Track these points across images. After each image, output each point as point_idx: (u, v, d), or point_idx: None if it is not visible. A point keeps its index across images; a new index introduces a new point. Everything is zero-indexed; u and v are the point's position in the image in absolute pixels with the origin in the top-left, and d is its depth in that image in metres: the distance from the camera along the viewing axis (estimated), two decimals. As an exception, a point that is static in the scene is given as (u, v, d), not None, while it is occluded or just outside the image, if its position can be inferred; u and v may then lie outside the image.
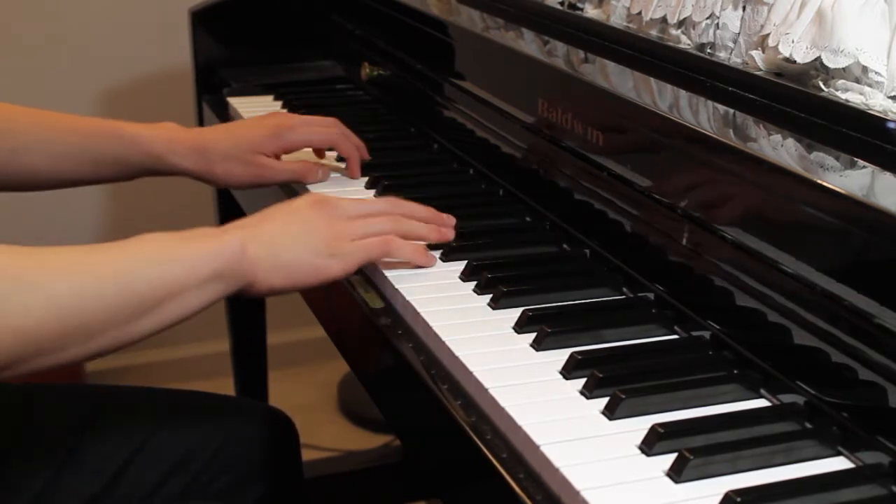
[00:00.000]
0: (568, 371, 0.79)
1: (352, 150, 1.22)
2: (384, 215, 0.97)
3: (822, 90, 0.85)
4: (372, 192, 1.18)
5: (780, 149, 0.82)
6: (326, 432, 2.15)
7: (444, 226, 1.01)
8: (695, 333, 0.86)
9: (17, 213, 2.10)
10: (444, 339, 0.84)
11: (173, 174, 1.17)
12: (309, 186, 1.18)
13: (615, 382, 0.76)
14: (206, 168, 1.16)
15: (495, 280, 0.93)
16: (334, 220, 0.93)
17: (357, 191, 1.18)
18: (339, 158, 1.25)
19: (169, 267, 0.83)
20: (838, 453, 0.70)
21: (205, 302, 0.86)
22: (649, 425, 0.71)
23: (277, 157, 1.19)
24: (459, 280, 0.95)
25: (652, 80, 0.99)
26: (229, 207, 1.66)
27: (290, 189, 1.21)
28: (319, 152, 1.25)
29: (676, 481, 0.66)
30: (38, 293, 0.76)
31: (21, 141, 1.11)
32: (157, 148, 1.14)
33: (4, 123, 1.10)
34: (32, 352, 0.76)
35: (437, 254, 0.99)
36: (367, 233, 0.94)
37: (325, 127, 1.22)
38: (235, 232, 0.89)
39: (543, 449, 0.70)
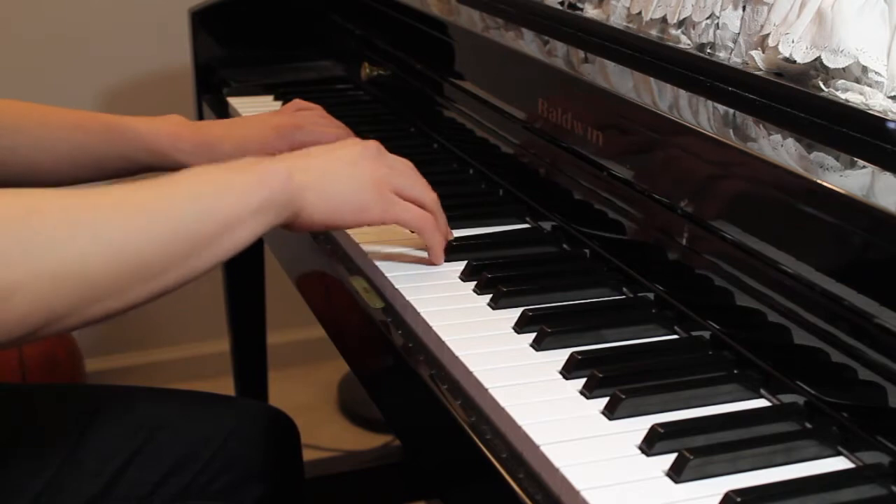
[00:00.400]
0: (568, 371, 0.79)
1: None
2: (428, 187, 0.97)
3: (822, 90, 0.85)
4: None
5: (780, 149, 0.82)
6: (326, 432, 2.15)
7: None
8: (695, 333, 0.86)
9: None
10: (444, 338, 0.84)
11: (178, 170, 1.15)
12: None
13: (615, 382, 0.76)
14: (211, 164, 1.14)
15: (495, 280, 0.93)
16: (381, 165, 0.93)
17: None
18: None
19: (219, 199, 0.82)
20: (838, 453, 0.70)
21: (256, 233, 0.84)
22: (649, 425, 0.71)
23: None
24: (459, 280, 0.95)
25: (652, 80, 0.99)
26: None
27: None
28: None
29: (676, 481, 0.66)
30: (92, 234, 0.74)
31: (22, 137, 1.09)
32: (161, 145, 1.13)
33: (5, 119, 1.10)
34: (91, 297, 0.74)
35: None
36: (408, 191, 0.94)
37: (334, 127, 1.20)
38: (281, 161, 0.88)
39: (543, 449, 0.70)
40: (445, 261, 0.98)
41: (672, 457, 0.68)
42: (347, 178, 0.91)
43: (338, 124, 1.22)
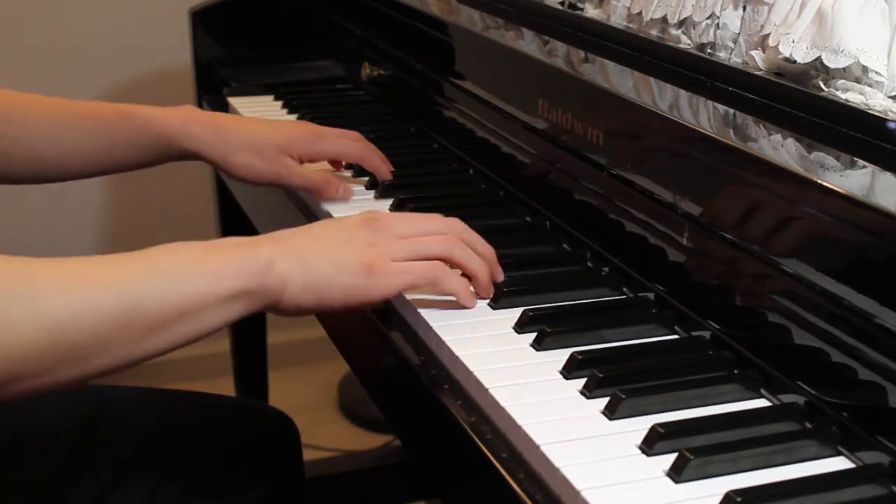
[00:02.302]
0: (568, 371, 0.79)
1: (378, 163, 1.17)
2: (440, 236, 0.88)
3: (823, 90, 0.85)
4: (372, 192, 1.18)
5: (781, 149, 0.82)
6: (326, 432, 2.15)
7: (495, 272, 0.92)
8: (695, 333, 0.86)
9: (16, 214, 2.10)
10: (444, 338, 0.84)
11: (189, 157, 1.12)
12: (323, 204, 1.14)
13: (615, 382, 0.76)
14: (223, 154, 1.11)
15: (495, 280, 0.93)
16: (379, 238, 0.85)
17: (358, 192, 1.18)
18: (358, 173, 1.22)
19: (186, 283, 0.75)
20: (838, 453, 0.70)
21: (225, 321, 0.78)
22: (649, 425, 0.71)
23: (302, 161, 1.15)
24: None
25: (652, 80, 0.99)
26: (229, 205, 1.66)
27: (300, 201, 1.19)
28: (336, 164, 1.21)
29: (677, 481, 0.66)
30: (25, 307, 0.69)
31: (26, 128, 1.07)
32: (171, 129, 1.10)
33: (13, 109, 1.07)
34: (21, 372, 0.69)
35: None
36: (414, 254, 0.86)
37: (354, 141, 1.17)
38: (266, 245, 0.81)
39: (543, 449, 0.70)
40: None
41: (672, 457, 0.68)
42: (337, 262, 0.82)
43: (355, 136, 1.18)
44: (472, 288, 0.89)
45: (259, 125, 1.16)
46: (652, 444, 0.69)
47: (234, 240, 0.81)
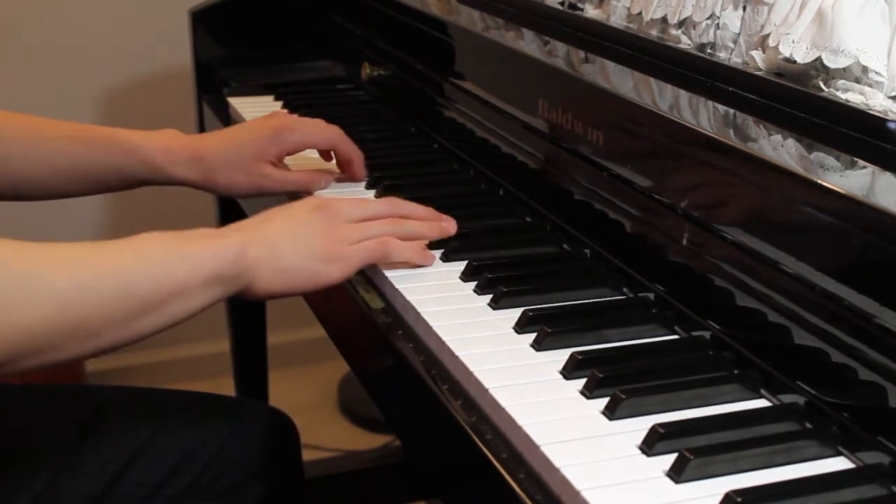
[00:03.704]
0: (568, 371, 0.79)
1: (354, 151, 1.19)
2: (383, 218, 0.97)
3: (823, 90, 0.85)
4: (372, 192, 1.18)
5: (781, 149, 0.82)
6: (326, 432, 2.15)
7: (448, 228, 1.01)
8: (695, 333, 0.86)
9: (14, 220, 2.10)
10: (444, 339, 0.84)
11: (173, 184, 1.15)
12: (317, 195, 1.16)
13: (615, 382, 0.76)
14: (207, 177, 1.14)
15: (495, 280, 0.93)
16: (334, 224, 0.93)
17: (358, 191, 1.18)
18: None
19: (172, 267, 0.82)
20: (838, 453, 0.70)
21: (205, 303, 0.85)
22: (650, 425, 0.71)
23: (280, 160, 1.17)
24: (460, 280, 0.95)
25: (652, 80, 0.99)
26: (230, 209, 1.67)
27: (296, 195, 1.20)
28: (325, 155, 1.23)
29: (677, 481, 0.66)
30: (40, 287, 0.75)
31: (14, 148, 1.09)
32: (155, 158, 1.12)
33: None
34: (31, 348, 0.75)
35: (437, 253, 0.99)
36: (365, 236, 0.94)
37: (324, 127, 1.19)
38: (236, 234, 0.88)
39: (544, 449, 0.70)
40: (446, 261, 0.98)
41: (672, 457, 0.68)
42: (303, 249, 0.90)
43: (328, 131, 1.20)
44: (420, 245, 0.98)
45: (232, 139, 1.17)
46: (652, 444, 0.69)
47: (204, 230, 0.88)
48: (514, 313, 0.88)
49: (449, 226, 1.01)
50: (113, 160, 1.12)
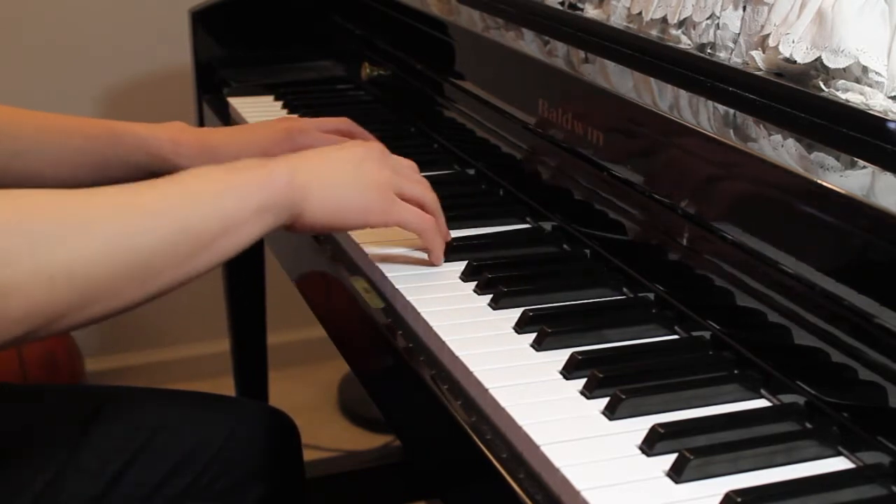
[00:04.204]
0: (568, 371, 0.79)
1: None
2: (429, 188, 0.97)
3: (823, 90, 0.85)
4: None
5: (781, 149, 0.82)
6: (326, 432, 2.15)
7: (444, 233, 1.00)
8: (695, 333, 0.86)
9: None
10: (444, 339, 0.84)
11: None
12: None
13: (615, 382, 0.76)
14: None
15: (495, 280, 0.93)
16: (383, 167, 0.93)
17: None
18: None
19: (220, 200, 0.82)
20: (838, 453, 0.70)
21: (256, 234, 0.84)
22: (650, 425, 0.71)
23: None
24: (460, 280, 0.95)
25: (652, 80, 0.99)
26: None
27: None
28: None
29: (677, 481, 0.66)
30: (88, 234, 0.74)
31: (23, 144, 1.10)
32: (162, 149, 1.13)
33: (6, 126, 1.09)
34: (89, 297, 0.74)
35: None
36: (410, 191, 0.94)
37: (338, 132, 1.19)
38: (284, 162, 0.88)
39: (544, 449, 0.70)
40: (446, 261, 0.98)
41: (672, 457, 0.68)
42: (350, 179, 0.90)
43: (342, 124, 1.21)
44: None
45: (242, 133, 1.18)
46: (652, 444, 0.69)
47: (251, 161, 0.87)
48: (514, 313, 0.88)
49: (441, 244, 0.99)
50: (119, 152, 1.12)
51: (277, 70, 1.70)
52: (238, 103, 1.53)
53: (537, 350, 0.83)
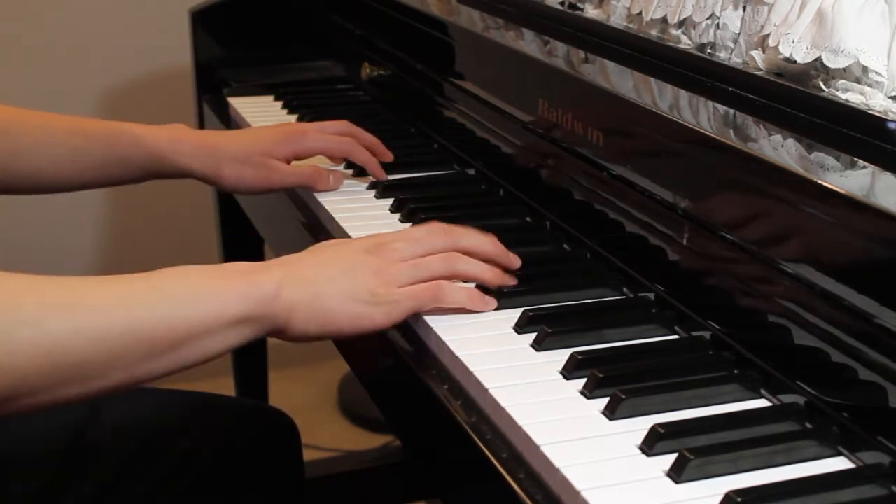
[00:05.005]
0: (568, 371, 0.79)
1: (367, 157, 1.19)
2: (439, 255, 0.89)
3: (823, 90, 0.85)
4: (373, 192, 1.18)
5: (781, 149, 0.82)
6: (326, 432, 2.15)
7: (508, 265, 0.93)
8: (695, 333, 0.86)
9: (16, 216, 2.10)
10: (444, 339, 0.84)
11: (179, 176, 1.15)
12: (317, 195, 1.16)
13: (615, 382, 0.76)
14: (214, 169, 1.13)
15: (495, 280, 0.93)
16: (384, 264, 0.86)
17: (361, 198, 1.17)
18: (350, 165, 1.24)
19: (191, 306, 0.76)
20: (838, 453, 0.70)
21: (228, 346, 0.79)
22: (650, 425, 0.71)
23: (289, 162, 1.17)
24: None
25: (652, 80, 0.99)
26: (230, 211, 1.67)
27: (298, 198, 1.20)
28: (336, 159, 1.23)
29: (677, 481, 0.66)
30: (31, 331, 0.70)
31: (22, 143, 1.09)
32: (161, 148, 1.12)
33: (5, 126, 1.09)
34: (22, 390, 0.70)
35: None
36: (419, 277, 0.86)
37: (338, 135, 1.19)
38: (273, 270, 0.81)
39: (544, 449, 0.70)
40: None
41: (672, 457, 0.68)
42: (345, 290, 0.83)
43: (342, 127, 1.20)
44: (478, 290, 0.90)
45: (242, 135, 1.18)
46: (652, 444, 0.69)
47: (240, 265, 0.82)
48: (514, 313, 0.88)
49: (509, 278, 0.92)
50: (118, 151, 1.12)
51: (277, 70, 1.70)
52: (238, 103, 1.53)
53: (537, 350, 0.83)
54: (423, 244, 0.89)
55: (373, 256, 0.86)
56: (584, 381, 0.78)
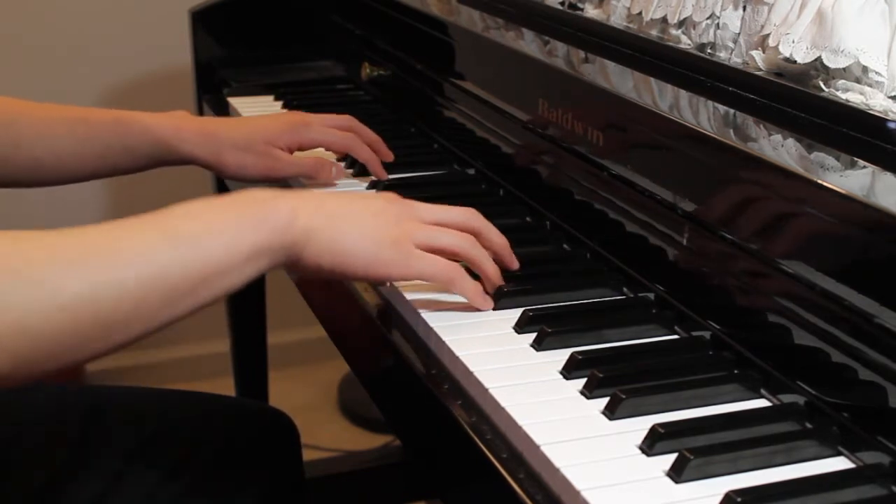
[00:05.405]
0: (568, 371, 0.79)
1: (369, 154, 1.19)
2: (460, 230, 0.88)
3: (823, 90, 0.85)
4: (373, 192, 1.18)
5: (781, 149, 0.82)
6: (326, 432, 2.15)
7: (510, 265, 0.93)
8: (695, 333, 0.86)
9: (15, 213, 2.09)
10: (444, 338, 0.84)
11: (183, 163, 1.14)
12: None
13: (615, 382, 0.76)
14: (216, 156, 1.13)
15: (495, 280, 0.93)
16: (405, 217, 0.85)
17: (357, 190, 1.18)
18: (350, 164, 1.24)
19: (205, 244, 0.74)
20: (838, 453, 0.70)
21: (246, 279, 0.77)
22: (650, 425, 0.71)
23: (291, 151, 1.17)
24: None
25: (652, 80, 0.99)
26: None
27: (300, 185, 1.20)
28: (337, 154, 1.23)
29: (677, 481, 0.66)
30: (43, 288, 0.68)
31: (24, 134, 1.09)
32: (164, 134, 1.12)
33: (6, 116, 1.09)
34: (43, 353, 0.69)
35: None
36: (436, 240, 0.86)
37: (341, 129, 1.19)
38: (289, 199, 0.80)
39: (544, 449, 0.70)
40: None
41: (672, 457, 0.68)
42: (364, 227, 0.82)
43: (345, 122, 1.20)
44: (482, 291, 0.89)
45: (245, 123, 1.18)
46: (652, 444, 0.69)
47: (254, 192, 0.80)
48: (514, 313, 0.88)
49: (512, 264, 0.93)
50: (121, 139, 1.12)
51: (277, 70, 1.70)
52: (238, 103, 1.53)
53: (537, 350, 0.83)
54: (447, 213, 0.89)
55: (396, 206, 0.86)
56: (584, 380, 0.78)
